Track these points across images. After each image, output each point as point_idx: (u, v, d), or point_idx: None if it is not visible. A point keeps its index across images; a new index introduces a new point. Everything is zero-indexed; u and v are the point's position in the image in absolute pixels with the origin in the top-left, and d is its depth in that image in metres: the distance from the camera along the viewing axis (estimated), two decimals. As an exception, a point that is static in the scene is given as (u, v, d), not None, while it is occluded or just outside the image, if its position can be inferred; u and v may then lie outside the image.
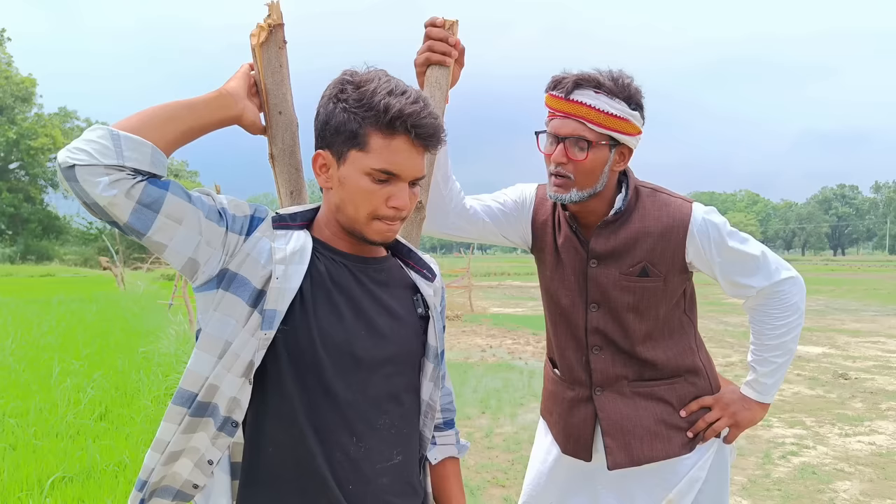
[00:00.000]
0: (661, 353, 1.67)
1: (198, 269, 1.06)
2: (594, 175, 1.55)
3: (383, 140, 1.06)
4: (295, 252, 1.09)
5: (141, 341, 8.23)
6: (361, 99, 1.06)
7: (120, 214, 1.00)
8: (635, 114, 1.53)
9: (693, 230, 1.61)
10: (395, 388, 1.15)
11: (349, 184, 1.09)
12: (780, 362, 1.67)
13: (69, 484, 3.57)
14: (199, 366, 1.05)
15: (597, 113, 1.49)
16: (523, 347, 9.41)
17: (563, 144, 1.54)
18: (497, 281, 30.58)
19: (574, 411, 1.73)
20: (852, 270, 46.05)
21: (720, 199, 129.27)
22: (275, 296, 1.05)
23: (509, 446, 4.76)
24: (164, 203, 1.02)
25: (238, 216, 1.09)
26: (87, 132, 1.01)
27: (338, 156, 1.10)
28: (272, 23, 1.21)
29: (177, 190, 1.04)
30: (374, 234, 1.12)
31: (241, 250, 1.07)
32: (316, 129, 1.13)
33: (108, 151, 0.98)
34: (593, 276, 1.65)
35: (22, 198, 47.37)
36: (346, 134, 1.07)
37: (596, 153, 1.53)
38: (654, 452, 1.65)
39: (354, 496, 1.08)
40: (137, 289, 19.37)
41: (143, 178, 1.01)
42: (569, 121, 1.53)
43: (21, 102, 47.15)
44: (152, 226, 1.02)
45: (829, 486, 3.98)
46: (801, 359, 8.48)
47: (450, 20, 1.50)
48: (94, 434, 4.48)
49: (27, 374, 6.20)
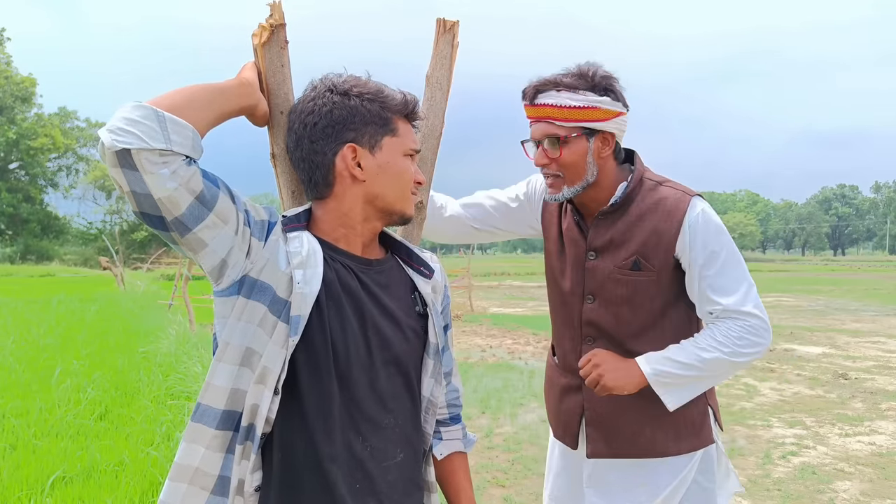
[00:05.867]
0: (657, 349, 1.63)
1: (225, 273, 1.04)
2: (579, 167, 1.59)
3: (405, 125, 1.19)
4: (310, 255, 1.08)
5: (141, 341, 8.23)
6: (382, 91, 1.15)
7: (173, 208, 0.95)
8: (604, 99, 1.55)
9: (685, 224, 1.58)
10: (398, 387, 1.17)
11: (391, 168, 1.16)
12: (701, 370, 1.54)
13: (69, 484, 3.56)
14: (222, 378, 1.04)
15: (560, 110, 1.56)
16: (523, 347, 9.42)
17: (541, 147, 1.62)
18: (497, 281, 30.60)
19: (564, 398, 1.78)
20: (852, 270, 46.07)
21: (720, 199, 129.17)
22: (298, 301, 1.04)
23: (509, 446, 4.76)
24: (217, 201, 1.00)
25: (257, 220, 1.08)
26: (124, 110, 0.93)
27: (371, 145, 1.14)
28: (274, 23, 1.21)
29: (225, 189, 1.02)
30: (410, 208, 1.21)
31: (260, 256, 1.06)
32: (328, 127, 1.12)
33: (156, 134, 0.92)
34: (591, 268, 1.67)
35: (21, 198, 47.35)
36: (378, 122, 1.14)
37: (571, 147, 1.58)
38: (635, 449, 1.67)
39: (360, 494, 1.09)
40: (137, 289, 19.36)
41: (192, 163, 0.98)
42: (539, 124, 1.61)
43: (21, 102, 47.12)
44: (202, 223, 0.98)
45: (829, 486, 3.98)
46: (801, 359, 8.49)
47: (450, 21, 1.50)
48: (95, 434, 4.48)
49: (27, 374, 6.20)
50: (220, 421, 1.04)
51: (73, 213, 56.41)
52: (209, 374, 1.06)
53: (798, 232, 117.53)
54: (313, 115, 1.13)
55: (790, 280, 32.22)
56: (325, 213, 1.17)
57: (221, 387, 1.05)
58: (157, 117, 0.93)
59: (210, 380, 1.06)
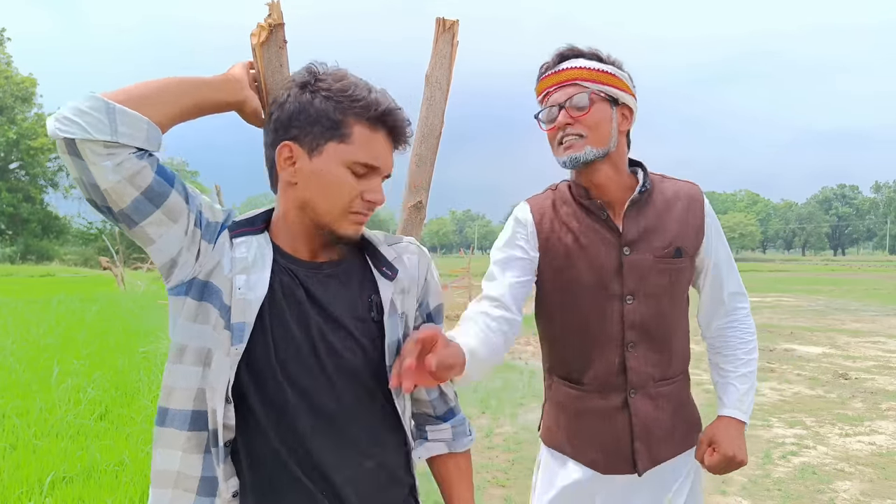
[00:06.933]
0: (680, 343, 1.65)
1: (174, 272, 1.04)
2: (604, 130, 1.53)
3: (369, 132, 1.05)
4: (256, 260, 1.06)
5: (141, 341, 8.22)
6: (346, 90, 1.04)
7: (118, 200, 0.96)
8: (625, 74, 1.55)
9: (706, 210, 1.65)
10: (358, 396, 1.11)
11: (325, 176, 1.05)
12: (753, 381, 1.67)
13: (69, 484, 3.56)
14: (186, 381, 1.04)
15: (588, 71, 1.52)
16: (523, 347, 9.41)
17: (565, 109, 1.53)
18: (497, 281, 30.48)
19: (606, 423, 1.61)
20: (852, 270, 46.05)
21: (720, 199, 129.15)
22: (241, 307, 1.03)
23: (509, 446, 4.76)
24: (167, 198, 0.99)
25: (211, 222, 1.07)
26: (76, 100, 0.93)
27: (310, 147, 1.05)
28: (273, 22, 1.21)
29: (180, 187, 1.01)
30: (347, 228, 1.08)
31: (210, 258, 1.05)
32: (278, 119, 1.07)
33: (102, 125, 0.92)
34: (629, 263, 1.56)
35: (22, 198, 47.31)
36: (326, 124, 1.03)
37: (598, 107, 1.52)
38: (670, 450, 1.65)
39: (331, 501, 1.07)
40: (137, 289, 19.37)
41: (149, 159, 0.97)
42: (564, 88, 1.54)
43: (21, 102, 47.09)
44: (148, 218, 0.99)
45: (830, 486, 3.98)
46: (801, 359, 8.48)
47: (450, 20, 1.50)
48: (95, 434, 4.47)
49: (27, 374, 6.19)
50: (191, 422, 1.04)
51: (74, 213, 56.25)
52: (170, 378, 1.06)
53: (798, 232, 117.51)
54: (273, 104, 1.10)
55: (790, 280, 32.21)
56: (275, 215, 1.14)
57: (187, 388, 1.05)
58: (107, 109, 0.93)
59: (173, 384, 1.05)
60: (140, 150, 0.96)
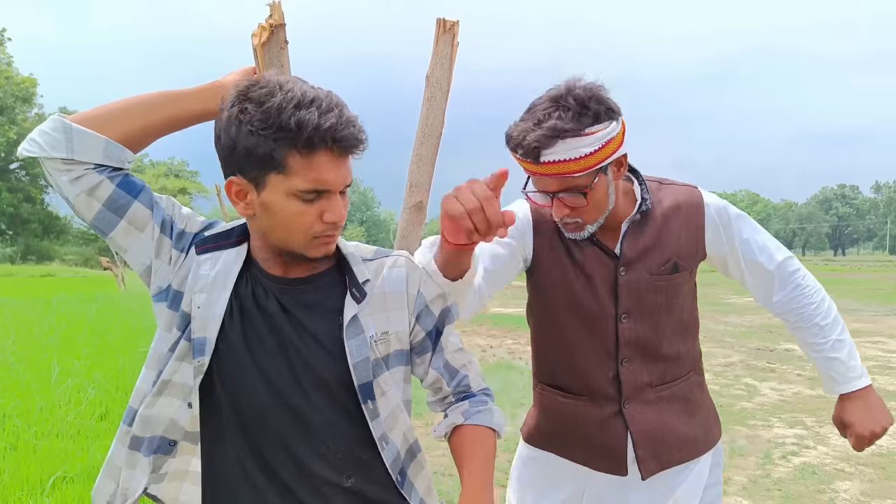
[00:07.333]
0: (682, 347, 1.62)
1: (150, 279, 1.09)
2: (602, 204, 1.46)
3: (303, 159, 0.95)
4: (217, 278, 1.07)
5: (141, 341, 8.22)
6: (268, 119, 0.94)
7: (84, 212, 1.04)
8: (611, 124, 1.37)
9: (710, 212, 1.58)
10: (337, 410, 1.08)
11: (276, 209, 0.99)
12: (849, 341, 1.62)
13: (70, 484, 3.57)
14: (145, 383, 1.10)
15: (576, 162, 1.35)
16: (523, 347, 9.41)
17: (558, 199, 1.43)
18: (497, 281, 30.50)
19: (603, 430, 1.60)
20: (852, 270, 46.05)
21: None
22: (200, 324, 1.06)
23: (509, 446, 4.76)
24: (129, 210, 1.05)
25: (186, 232, 1.10)
26: (44, 123, 1.02)
27: (255, 182, 0.99)
28: (274, 23, 1.21)
29: (145, 198, 1.06)
30: (315, 252, 1.04)
31: (183, 266, 1.09)
32: (220, 153, 1.02)
33: (59, 144, 1.00)
34: (624, 283, 1.53)
35: (22, 198, 47.34)
36: (260, 158, 0.96)
37: (595, 190, 1.41)
38: (683, 454, 1.62)
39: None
40: (138, 289, 19.37)
41: (111, 174, 1.03)
42: (551, 179, 1.40)
43: (21, 102, 47.12)
44: (115, 228, 1.05)
45: (830, 486, 3.98)
46: (801, 359, 8.48)
47: (450, 21, 1.50)
48: (95, 434, 4.48)
49: (27, 374, 6.20)
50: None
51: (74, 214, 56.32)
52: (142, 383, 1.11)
53: (798, 232, 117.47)
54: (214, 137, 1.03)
55: (790, 280, 32.14)
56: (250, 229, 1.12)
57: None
58: (64, 129, 1.00)
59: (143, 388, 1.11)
60: (101, 165, 1.03)
